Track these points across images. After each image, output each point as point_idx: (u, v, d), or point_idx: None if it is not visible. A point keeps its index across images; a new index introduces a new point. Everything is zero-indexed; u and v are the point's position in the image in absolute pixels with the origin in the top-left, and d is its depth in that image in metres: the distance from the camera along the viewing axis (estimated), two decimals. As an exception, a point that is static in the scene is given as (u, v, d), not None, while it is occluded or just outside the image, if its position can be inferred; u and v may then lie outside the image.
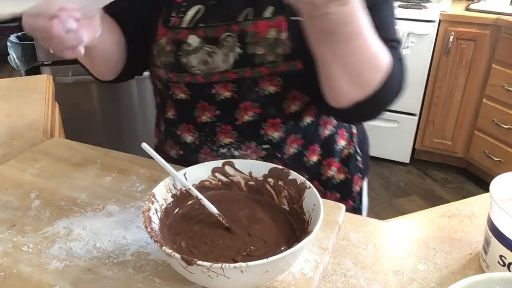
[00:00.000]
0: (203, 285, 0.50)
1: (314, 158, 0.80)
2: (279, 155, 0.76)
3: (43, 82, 1.25)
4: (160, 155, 0.67)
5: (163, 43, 0.73)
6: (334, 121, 0.81)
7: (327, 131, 0.80)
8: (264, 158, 0.75)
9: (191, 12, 0.71)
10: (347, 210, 0.67)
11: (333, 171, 0.83)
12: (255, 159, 0.75)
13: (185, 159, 0.79)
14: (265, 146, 0.75)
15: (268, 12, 0.68)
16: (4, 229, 0.62)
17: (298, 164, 0.78)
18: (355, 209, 0.87)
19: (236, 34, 0.69)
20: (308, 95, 0.74)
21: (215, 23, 0.70)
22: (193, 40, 0.70)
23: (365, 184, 0.91)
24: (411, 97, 2.56)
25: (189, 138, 0.78)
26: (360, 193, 0.89)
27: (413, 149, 2.76)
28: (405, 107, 2.59)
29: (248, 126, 0.74)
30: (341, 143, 0.83)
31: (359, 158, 0.87)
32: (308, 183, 0.57)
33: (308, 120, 0.77)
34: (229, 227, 0.56)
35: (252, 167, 0.63)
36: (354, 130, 0.87)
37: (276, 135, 0.75)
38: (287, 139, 0.76)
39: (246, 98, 0.72)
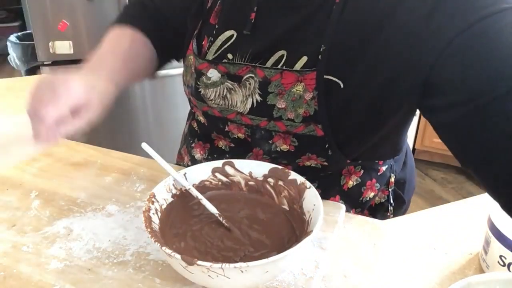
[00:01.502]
0: (203, 285, 0.50)
1: None
2: None
3: (43, 82, 1.24)
4: (178, 156, 0.65)
5: (190, 61, 0.70)
6: (361, 171, 0.71)
7: (351, 182, 0.71)
8: None
9: (221, 38, 0.65)
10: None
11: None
12: None
13: None
14: None
15: (301, 63, 0.59)
16: (4, 229, 0.62)
17: None
18: None
19: (258, 80, 0.62)
20: (327, 161, 0.66)
21: (242, 58, 0.63)
22: (213, 74, 0.65)
23: None
24: (411, 97, 2.56)
25: (198, 155, 0.77)
26: None
27: (413, 149, 2.76)
28: (405, 107, 2.59)
29: None
30: (369, 194, 0.74)
31: (390, 208, 0.78)
32: (308, 183, 0.57)
33: (328, 170, 0.68)
34: (229, 227, 0.56)
35: (252, 167, 0.63)
36: (393, 179, 0.77)
37: None
38: None
39: (259, 146, 0.67)
